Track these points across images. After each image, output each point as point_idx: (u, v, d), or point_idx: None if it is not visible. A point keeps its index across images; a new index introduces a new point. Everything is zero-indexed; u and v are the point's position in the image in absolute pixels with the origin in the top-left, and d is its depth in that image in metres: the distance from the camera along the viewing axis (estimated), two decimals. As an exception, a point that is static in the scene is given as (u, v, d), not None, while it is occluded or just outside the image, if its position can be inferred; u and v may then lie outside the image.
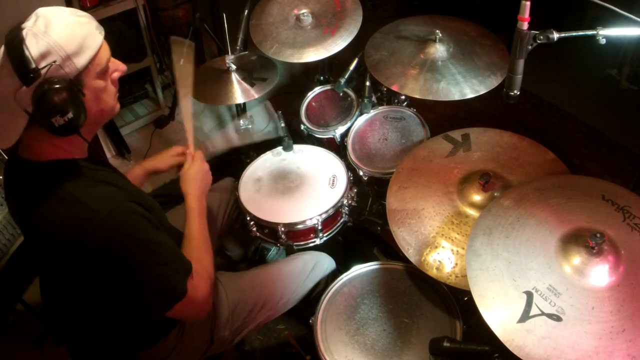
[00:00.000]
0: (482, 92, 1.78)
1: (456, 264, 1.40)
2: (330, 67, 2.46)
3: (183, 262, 1.22)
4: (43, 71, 1.02)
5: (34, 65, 1.02)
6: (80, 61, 1.08)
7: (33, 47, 1.02)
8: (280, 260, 1.81)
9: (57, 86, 1.03)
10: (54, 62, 1.03)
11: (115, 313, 1.25)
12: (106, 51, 1.16)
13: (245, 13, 2.18)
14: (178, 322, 1.42)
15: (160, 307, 1.17)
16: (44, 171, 1.13)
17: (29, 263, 2.18)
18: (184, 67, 1.69)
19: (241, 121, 2.36)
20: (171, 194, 1.80)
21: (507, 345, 1.05)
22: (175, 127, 3.17)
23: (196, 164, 1.55)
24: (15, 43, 1.03)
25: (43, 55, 1.03)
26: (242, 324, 1.56)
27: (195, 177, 1.51)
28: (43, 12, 1.07)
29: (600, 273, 1.11)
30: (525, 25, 1.20)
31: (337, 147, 2.11)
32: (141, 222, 1.14)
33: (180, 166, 1.59)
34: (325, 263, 1.78)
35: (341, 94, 2.19)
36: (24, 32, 1.04)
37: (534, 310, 1.08)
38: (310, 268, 1.71)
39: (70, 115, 1.06)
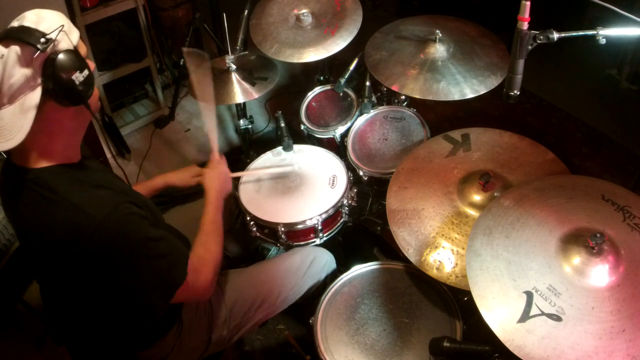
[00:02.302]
0: (482, 92, 1.79)
1: (456, 264, 1.40)
2: (330, 67, 2.46)
3: (181, 250, 1.25)
4: (53, 35, 1.06)
5: (45, 32, 1.06)
6: (74, 38, 1.13)
7: (35, 26, 1.07)
8: (277, 256, 1.81)
9: (71, 48, 1.10)
10: (62, 26, 1.09)
11: (117, 311, 1.25)
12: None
13: (245, 13, 2.18)
14: (177, 322, 1.42)
15: (163, 299, 1.20)
16: (38, 178, 1.13)
17: (29, 264, 2.18)
18: (201, 77, 1.76)
19: (241, 121, 2.36)
20: (170, 194, 1.81)
21: (507, 345, 1.05)
22: (175, 127, 3.17)
23: (221, 166, 1.65)
24: (15, 29, 1.06)
25: (46, 29, 1.07)
26: (240, 322, 1.56)
27: (219, 176, 1.61)
28: (25, 13, 1.10)
29: (600, 273, 1.11)
30: (525, 25, 1.21)
31: (337, 147, 2.11)
32: (138, 221, 1.16)
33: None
34: (324, 258, 1.77)
35: (341, 94, 2.19)
36: (17, 23, 1.08)
37: (534, 310, 1.08)
38: (308, 263, 1.70)
39: (86, 72, 1.11)
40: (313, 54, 2.04)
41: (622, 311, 1.06)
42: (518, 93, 1.32)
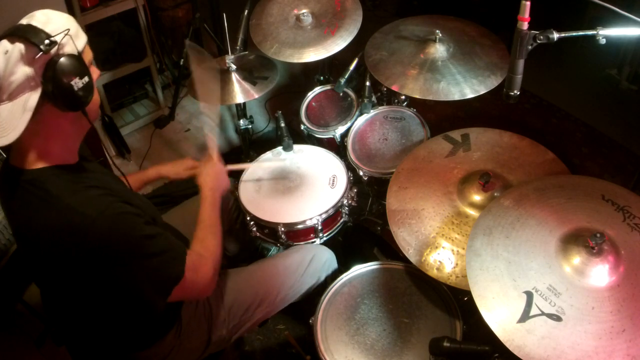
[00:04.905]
0: (482, 92, 1.79)
1: (456, 264, 1.40)
2: (330, 67, 2.46)
3: (178, 248, 1.25)
4: (58, 38, 1.06)
5: (50, 34, 1.06)
6: (79, 44, 1.12)
7: (42, 26, 1.07)
8: (276, 255, 1.80)
9: (74, 54, 1.10)
10: (68, 30, 1.08)
11: (115, 310, 1.26)
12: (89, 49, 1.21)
13: (245, 13, 2.18)
14: (176, 322, 1.42)
15: (160, 296, 1.20)
16: (34, 179, 1.13)
17: (27, 265, 2.18)
18: (204, 75, 1.76)
19: (241, 121, 2.36)
20: (171, 194, 1.81)
21: (507, 345, 1.05)
22: (175, 127, 3.17)
23: (214, 161, 1.62)
24: (23, 27, 1.06)
25: (53, 31, 1.07)
26: (240, 321, 1.56)
27: (211, 172, 1.58)
28: (35, 12, 1.10)
29: (600, 273, 1.11)
30: (525, 25, 1.20)
31: (337, 147, 2.11)
32: (132, 219, 1.16)
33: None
34: (324, 256, 1.75)
35: (341, 94, 2.19)
36: (26, 21, 1.08)
37: (534, 310, 1.08)
38: (308, 261, 1.69)
39: (86, 78, 1.11)
40: (313, 54, 2.04)
41: (622, 311, 1.06)
42: (518, 93, 1.31)
